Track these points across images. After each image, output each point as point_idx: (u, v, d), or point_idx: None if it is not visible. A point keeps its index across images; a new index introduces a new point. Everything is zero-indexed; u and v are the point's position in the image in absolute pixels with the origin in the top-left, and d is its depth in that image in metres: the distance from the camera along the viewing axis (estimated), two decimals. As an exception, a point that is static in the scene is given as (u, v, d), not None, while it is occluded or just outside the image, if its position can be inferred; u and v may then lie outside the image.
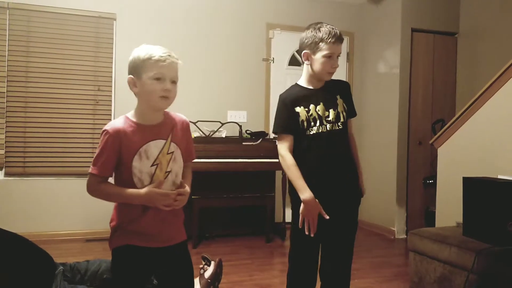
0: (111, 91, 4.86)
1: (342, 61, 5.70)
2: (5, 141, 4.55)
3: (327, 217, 2.07)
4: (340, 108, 2.21)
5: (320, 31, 2.11)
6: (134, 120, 1.74)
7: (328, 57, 2.11)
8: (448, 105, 5.32)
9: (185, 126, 1.86)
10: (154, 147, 1.71)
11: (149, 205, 1.70)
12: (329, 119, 2.17)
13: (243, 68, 5.34)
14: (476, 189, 2.94)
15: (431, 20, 5.23)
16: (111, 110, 4.84)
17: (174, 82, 1.74)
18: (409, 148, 5.16)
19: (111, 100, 4.86)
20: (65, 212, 4.67)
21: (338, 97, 2.23)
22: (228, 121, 5.03)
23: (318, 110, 2.17)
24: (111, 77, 4.87)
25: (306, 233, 2.09)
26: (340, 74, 5.70)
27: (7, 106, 4.54)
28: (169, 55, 1.72)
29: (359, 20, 5.67)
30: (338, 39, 2.11)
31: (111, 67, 4.86)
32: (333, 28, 2.12)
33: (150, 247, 1.74)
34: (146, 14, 4.97)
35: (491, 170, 3.31)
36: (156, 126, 1.75)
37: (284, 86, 5.49)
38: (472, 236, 2.91)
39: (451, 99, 5.35)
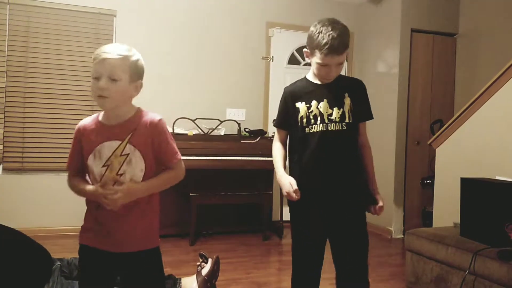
0: (110, 87, 4.85)
1: (341, 60, 5.74)
2: (3, 136, 4.54)
3: (296, 197, 1.96)
4: (346, 108, 2.04)
5: (318, 37, 1.97)
6: (100, 119, 1.71)
7: (323, 65, 1.99)
8: (446, 106, 5.33)
9: (152, 127, 1.68)
10: (108, 148, 1.65)
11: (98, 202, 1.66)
12: (332, 117, 2.02)
13: (242, 66, 5.34)
14: (474, 190, 2.95)
15: (431, 21, 5.23)
16: (110, 106, 4.82)
17: (114, 79, 1.61)
18: (407, 148, 5.16)
19: (110, 97, 4.85)
20: (63, 208, 4.66)
21: (346, 95, 2.06)
22: (227, 119, 5.03)
23: (320, 107, 2.03)
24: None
25: (293, 198, 1.97)
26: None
27: (6, 101, 4.54)
28: (105, 51, 1.61)
29: (358, 20, 5.67)
30: (332, 51, 1.93)
31: (111, 64, 4.85)
32: (332, 38, 1.93)
33: (106, 250, 1.69)
34: (146, 11, 4.97)
35: (489, 171, 3.31)
36: (116, 126, 1.67)
37: (283, 84, 5.48)
38: (469, 237, 2.92)
39: (450, 99, 5.36)
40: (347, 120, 2.03)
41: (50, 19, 4.67)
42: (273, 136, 5.14)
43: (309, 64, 2.17)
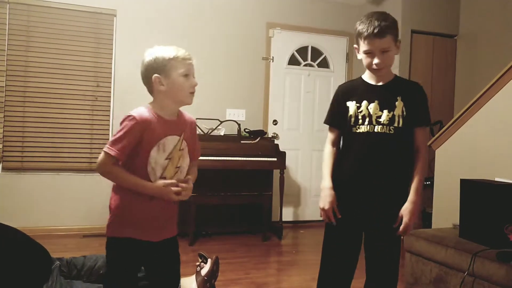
0: (110, 87, 4.85)
1: (341, 62, 5.75)
2: (3, 136, 4.54)
3: (336, 217, 1.99)
4: (397, 111, 1.96)
5: (360, 25, 1.96)
6: (158, 113, 1.81)
7: (367, 53, 1.96)
8: (446, 107, 5.33)
9: (194, 126, 1.96)
10: (171, 141, 1.79)
11: (156, 196, 1.78)
12: (380, 120, 1.96)
13: (242, 66, 5.34)
14: (473, 191, 2.95)
15: (431, 22, 5.23)
16: (110, 106, 4.83)
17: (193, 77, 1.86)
18: (407, 149, 5.15)
19: (110, 97, 4.85)
20: (63, 208, 4.67)
21: (399, 98, 1.98)
22: (227, 119, 5.03)
23: (370, 108, 1.98)
24: (111, 73, 4.87)
25: (325, 219, 2.04)
26: (339, 75, 5.71)
27: (5, 100, 4.54)
28: (190, 54, 1.83)
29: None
30: (372, 34, 1.91)
31: (111, 64, 4.86)
32: (372, 22, 1.92)
33: (148, 241, 1.80)
34: (147, 10, 4.97)
35: (489, 172, 3.31)
36: (174, 122, 1.84)
37: (283, 85, 5.56)
38: (469, 238, 2.92)
39: (450, 101, 5.36)
40: (395, 124, 1.96)
41: (50, 18, 4.66)
42: (273, 137, 5.23)
43: (310, 65, 2.20)
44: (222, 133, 4.90)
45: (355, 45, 2.07)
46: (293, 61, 5.57)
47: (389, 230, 1.99)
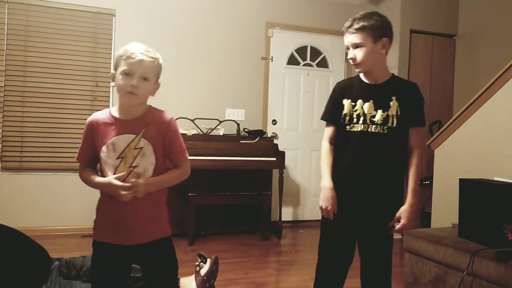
0: (109, 87, 4.85)
1: (340, 61, 5.75)
2: (2, 136, 4.53)
3: (332, 213, 2.03)
4: (392, 111, 1.99)
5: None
6: (114, 113, 1.80)
7: (347, 49, 2.05)
8: (445, 107, 5.33)
9: (165, 124, 1.80)
10: (122, 140, 1.74)
11: (111, 194, 1.73)
12: (374, 119, 2.00)
13: (242, 66, 5.34)
14: (472, 191, 2.95)
15: (430, 22, 5.24)
16: (109, 106, 4.83)
17: (145, 79, 1.74)
18: (406, 149, 5.16)
19: (109, 96, 4.85)
20: (62, 208, 4.67)
21: (393, 98, 2.01)
22: (226, 119, 5.03)
23: (365, 107, 2.01)
24: (110, 73, 4.86)
25: (325, 216, 2.05)
26: (338, 74, 5.71)
27: (4, 100, 4.53)
28: (142, 53, 1.72)
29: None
30: (346, 30, 2.04)
31: (110, 63, 4.85)
32: (352, 19, 2.04)
33: (122, 245, 1.76)
34: (146, 10, 4.96)
35: (488, 172, 3.32)
36: (131, 121, 1.77)
37: (282, 85, 5.56)
38: (468, 238, 2.93)
39: (449, 100, 5.37)
40: (389, 124, 1.99)
41: (49, 18, 4.66)
42: (272, 137, 5.23)
43: (309, 65, 2.23)
44: (221, 133, 4.89)
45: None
46: (292, 61, 5.57)
47: (383, 227, 2.04)
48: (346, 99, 2.07)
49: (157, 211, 1.82)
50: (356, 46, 1.99)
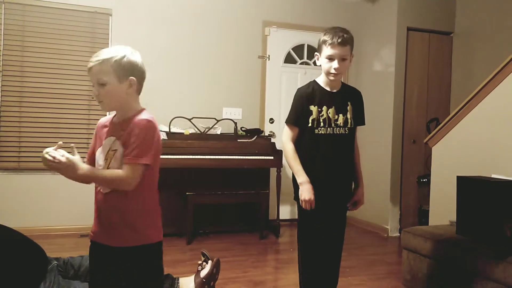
0: (106, 86, 4.84)
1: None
2: (0, 136, 4.53)
3: (309, 207, 2.28)
4: (349, 114, 2.38)
5: (326, 35, 2.28)
6: (113, 117, 1.84)
7: (329, 59, 2.28)
8: (442, 104, 5.34)
9: (132, 125, 1.69)
10: (107, 142, 1.77)
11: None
12: (337, 122, 2.35)
13: (238, 65, 5.33)
14: (470, 188, 2.96)
15: (427, 19, 5.24)
16: (106, 105, 4.81)
17: (102, 84, 1.68)
18: (403, 146, 5.17)
19: (106, 96, 4.84)
20: (60, 208, 4.66)
21: (349, 103, 2.40)
22: (223, 118, 5.03)
23: (329, 113, 2.34)
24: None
25: (307, 208, 2.28)
26: (335, 72, 5.71)
27: (1, 100, 4.52)
28: (91, 60, 1.69)
29: (354, 18, 5.67)
30: (337, 42, 2.24)
31: (107, 63, 4.84)
32: (337, 33, 2.26)
33: (106, 245, 1.74)
34: (142, 10, 4.95)
35: (485, 169, 3.33)
36: (117, 124, 1.79)
37: (279, 83, 5.56)
38: (465, 235, 2.93)
39: (446, 98, 5.38)
40: (349, 125, 2.38)
41: (45, 18, 4.65)
42: (269, 135, 5.22)
43: (306, 63, 2.33)
44: (218, 132, 4.89)
45: (316, 53, 2.39)
46: (289, 59, 5.57)
47: (345, 208, 2.49)
48: (313, 106, 2.34)
49: (134, 216, 1.72)
50: (343, 58, 2.28)
